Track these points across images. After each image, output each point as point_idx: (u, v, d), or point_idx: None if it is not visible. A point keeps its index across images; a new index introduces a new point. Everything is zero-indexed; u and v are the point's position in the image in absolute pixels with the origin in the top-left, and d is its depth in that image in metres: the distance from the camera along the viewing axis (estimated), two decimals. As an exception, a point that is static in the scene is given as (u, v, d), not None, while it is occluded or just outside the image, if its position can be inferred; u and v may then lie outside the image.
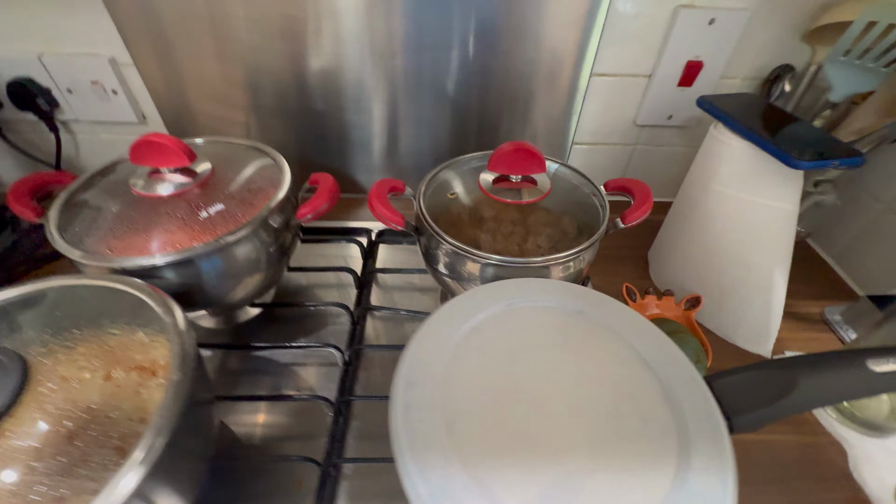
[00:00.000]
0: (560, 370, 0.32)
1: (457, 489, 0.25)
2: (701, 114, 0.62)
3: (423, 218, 0.44)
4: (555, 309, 0.37)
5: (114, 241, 0.41)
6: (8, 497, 0.26)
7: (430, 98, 0.64)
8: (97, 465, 0.28)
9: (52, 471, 0.27)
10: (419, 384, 0.31)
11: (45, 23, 0.58)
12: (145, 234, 0.41)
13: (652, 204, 0.45)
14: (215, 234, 0.41)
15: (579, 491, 0.26)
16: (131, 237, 0.41)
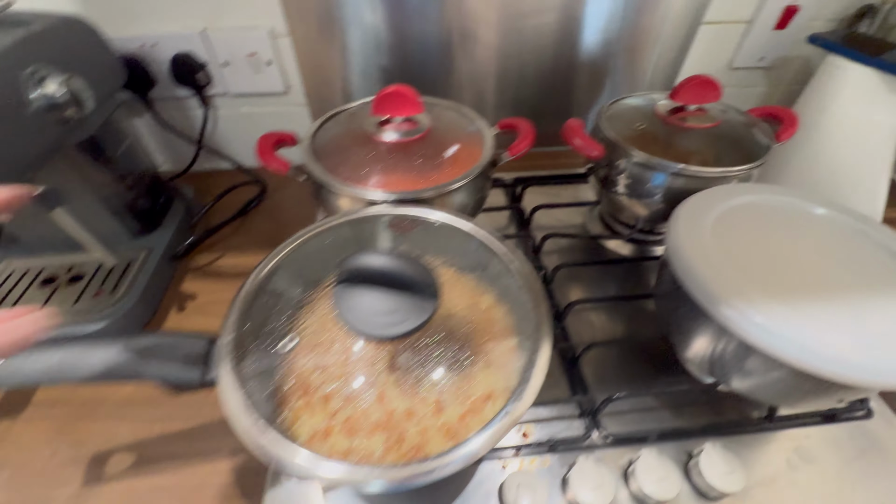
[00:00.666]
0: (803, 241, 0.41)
1: (781, 320, 0.34)
2: (788, 54, 0.72)
3: (617, 142, 0.52)
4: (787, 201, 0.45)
5: (376, 178, 0.47)
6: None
7: (554, 51, 0.70)
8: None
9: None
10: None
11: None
12: (394, 175, 0.47)
13: (797, 126, 0.54)
14: (449, 177, 0.47)
15: (867, 315, 0.34)
16: (383, 176, 0.47)
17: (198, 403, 0.48)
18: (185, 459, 0.44)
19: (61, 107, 0.42)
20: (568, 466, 0.41)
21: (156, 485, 0.42)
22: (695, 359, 0.43)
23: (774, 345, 0.33)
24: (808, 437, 0.44)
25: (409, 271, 0.29)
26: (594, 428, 0.44)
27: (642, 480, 0.38)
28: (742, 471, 0.39)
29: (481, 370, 0.38)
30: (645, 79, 0.75)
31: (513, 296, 0.42)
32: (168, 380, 0.31)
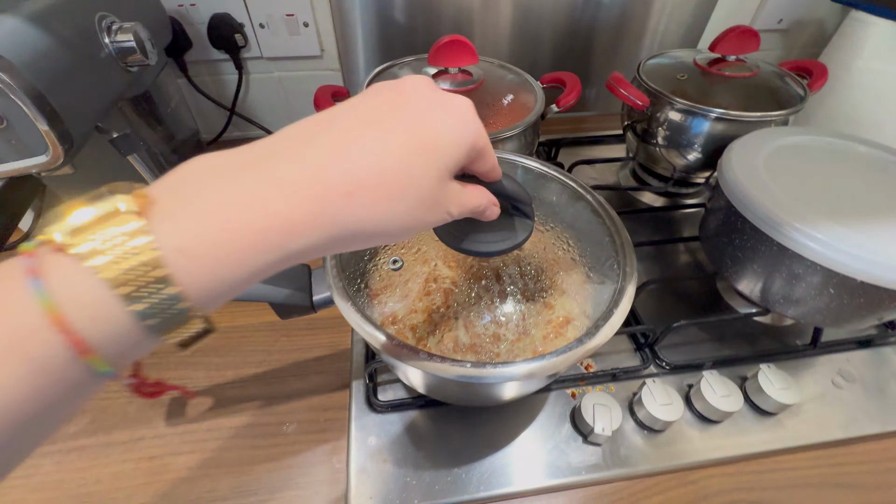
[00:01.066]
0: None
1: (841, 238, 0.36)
2: (805, 16, 0.74)
3: (660, 93, 0.54)
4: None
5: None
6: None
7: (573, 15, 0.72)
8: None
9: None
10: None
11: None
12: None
13: (827, 77, 0.57)
14: (506, 124, 0.49)
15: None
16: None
17: (266, 350, 0.49)
18: (262, 401, 0.45)
19: (129, 53, 0.42)
20: (631, 393, 0.44)
21: (237, 423, 0.43)
22: (748, 289, 0.45)
23: (839, 261, 0.36)
24: (849, 360, 0.47)
25: (509, 189, 0.30)
26: (653, 358, 0.46)
27: (708, 397, 0.40)
28: (797, 387, 0.42)
29: (558, 298, 0.40)
30: (663, 41, 0.76)
31: (581, 230, 0.44)
32: (282, 301, 0.32)
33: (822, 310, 0.41)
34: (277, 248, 0.16)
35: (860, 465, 0.41)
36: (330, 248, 0.18)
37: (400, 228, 0.19)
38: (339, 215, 0.17)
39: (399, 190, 0.18)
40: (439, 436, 0.41)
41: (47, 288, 0.13)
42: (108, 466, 0.40)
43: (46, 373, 0.13)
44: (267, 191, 0.16)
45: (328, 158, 0.17)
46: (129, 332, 0.14)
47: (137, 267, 0.14)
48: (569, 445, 0.40)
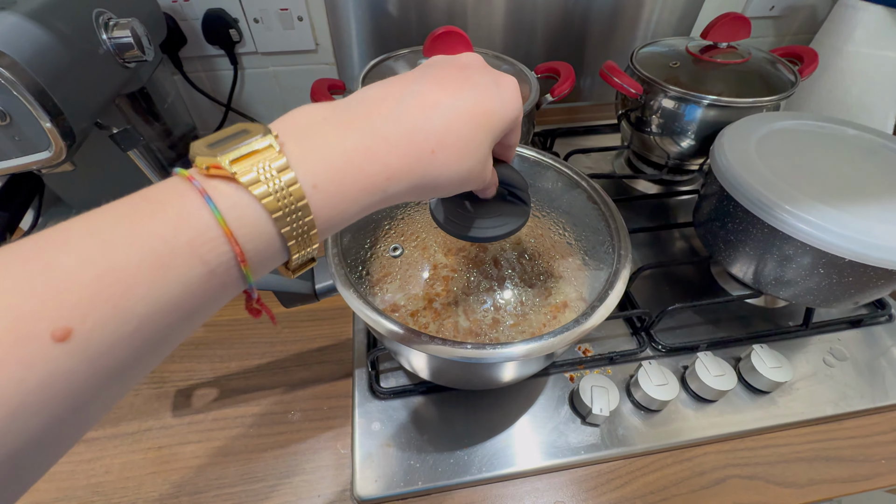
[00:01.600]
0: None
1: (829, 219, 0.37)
2: (796, 2, 0.75)
3: (653, 81, 0.55)
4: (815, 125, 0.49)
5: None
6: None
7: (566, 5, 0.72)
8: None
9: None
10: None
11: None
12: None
13: (818, 63, 0.57)
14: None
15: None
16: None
17: (269, 341, 0.50)
18: (266, 390, 0.46)
19: (126, 49, 0.43)
20: (628, 376, 0.45)
21: (242, 413, 0.44)
22: (741, 272, 0.46)
23: (827, 241, 0.37)
24: (840, 339, 0.48)
25: (506, 175, 0.30)
26: (649, 341, 0.47)
27: (703, 377, 0.42)
28: (789, 365, 0.43)
29: (555, 283, 0.41)
30: (656, 29, 0.77)
31: (576, 217, 0.45)
32: (286, 290, 0.33)
33: (812, 290, 0.42)
34: (380, 191, 0.20)
35: (850, 439, 0.42)
36: (411, 195, 0.21)
37: (462, 181, 0.22)
38: (425, 168, 0.20)
39: (466, 152, 0.21)
40: (441, 420, 0.42)
41: (220, 206, 0.16)
42: (117, 457, 0.41)
43: (215, 276, 0.16)
44: (377, 144, 0.19)
45: (416, 120, 0.20)
46: (274, 248, 0.17)
47: (287, 196, 0.17)
48: (568, 427, 0.41)
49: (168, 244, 0.15)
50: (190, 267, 0.15)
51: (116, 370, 0.15)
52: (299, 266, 0.20)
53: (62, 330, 0.13)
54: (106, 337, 0.14)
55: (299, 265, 0.20)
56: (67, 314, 0.13)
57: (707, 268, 0.56)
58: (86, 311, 0.14)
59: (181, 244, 0.15)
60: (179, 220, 0.15)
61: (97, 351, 0.14)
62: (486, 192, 0.28)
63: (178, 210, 0.16)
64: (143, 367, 0.16)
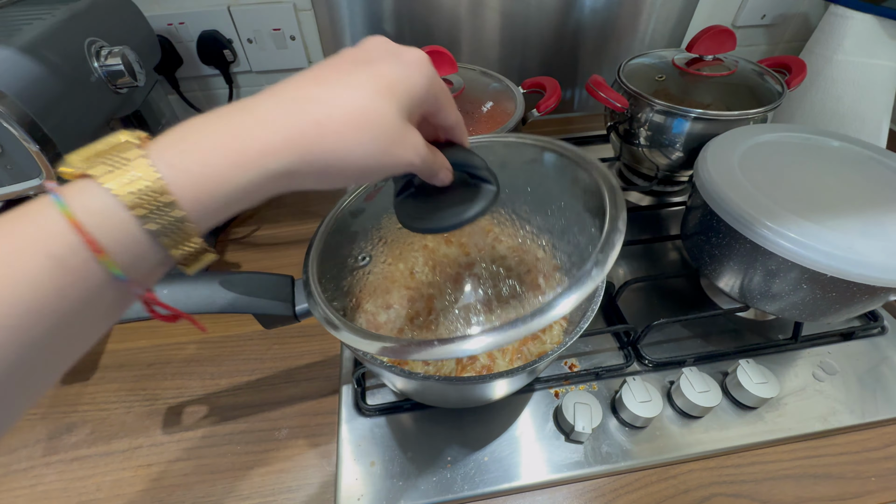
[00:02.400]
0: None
1: (810, 235, 0.37)
2: (788, 11, 0.75)
3: (639, 94, 0.55)
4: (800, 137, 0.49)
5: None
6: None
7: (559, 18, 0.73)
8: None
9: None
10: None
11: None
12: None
13: (806, 73, 0.57)
14: (486, 131, 0.50)
15: (890, 226, 0.38)
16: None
17: (259, 358, 0.51)
18: (254, 408, 0.46)
19: (118, 76, 0.44)
20: (613, 391, 0.45)
21: (231, 430, 0.45)
22: (728, 286, 0.46)
23: (808, 257, 0.37)
24: (830, 353, 0.48)
25: (460, 157, 0.27)
26: (635, 356, 0.47)
27: (687, 393, 0.41)
28: (776, 381, 0.43)
29: (535, 300, 0.41)
30: (648, 41, 0.77)
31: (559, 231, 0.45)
32: (264, 312, 0.33)
33: (798, 305, 0.42)
34: (256, 167, 0.18)
35: (839, 456, 0.41)
36: (308, 176, 0.20)
37: (368, 158, 0.21)
38: (310, 141, 0.19)
39: (364, 122, 0.20)
40: (425, 437, 0.42)
41: (65, 199, 0.16)
42: (108, 475, 0.42)
43: (68, 270, 0.16)
44: (247, 122, 0.19)
45: (300, 98, 0.20)
46: (135, 237, 0.17)
47: (138, 180, 0.16)
48: (551, 444, 0.41)
49: (11, 242, 0.15)
50: (34, 261, 0.15)
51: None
52: (190, 259, 0.19)
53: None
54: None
55: (188, 258, 0.19)
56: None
57: (697, 280, 0.56)
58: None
59: (24, 239, 0.15)
60: (26, 217, 0.16)
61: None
62: (435, 177, 0.26)
63: (31, 212, 0.16)
64: (21, 387, 0.16)
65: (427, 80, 0.23)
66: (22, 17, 0.41)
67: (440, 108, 0.25)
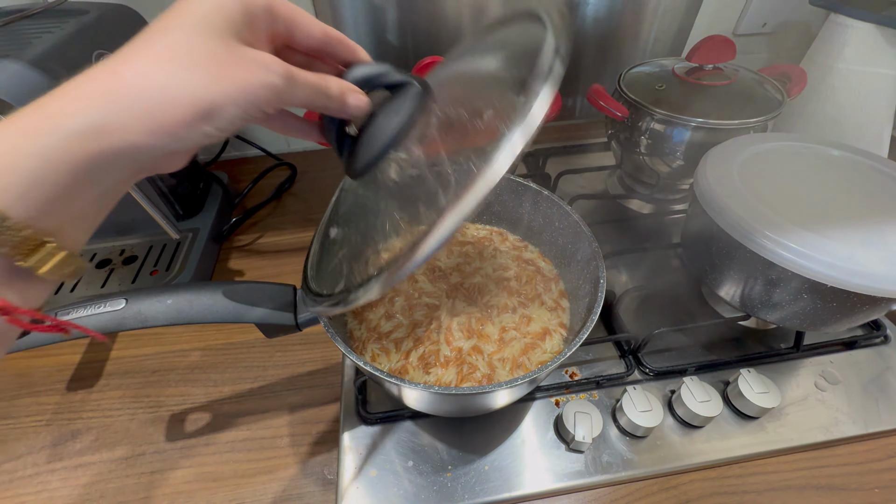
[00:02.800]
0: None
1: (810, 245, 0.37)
2: (789, 19, 0.75)
3: (639, 104, 0.55)
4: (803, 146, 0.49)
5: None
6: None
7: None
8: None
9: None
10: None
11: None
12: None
13: (806, 82, 0.58)
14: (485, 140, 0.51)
15: (890, 236, 0.38)
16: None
17: (262, 366, 0.51)
18: (257, 415, 0.47)
19: (125, 88, 0.45)
20: (614, 400, 0.45)
21: (233, 437, 0.45)
22: (728, 294, 0.46)
23: (808, 267, 0.37)
24: (832, 362, 0.48)
25: (366, 74, 0.25)
26: (636, 364, 0.47)
27: (688, 403, 0.41)
28: (777, 390, 0.42)
29: (536, 310, 0.42)
30: (649, 50, 0.78)
31: (556, 247, 0.45)
32: (266, 322, 0.34)
33: (799, 314, 0.42)
34: (57, 129, 0.16)
35: (842, 466, 0.41)
36: (130, 129, 0.17)
37: (193, 89, 0.18)
38: (110, 88, 0.17)
39: (166, 51, 0.18)
40: (426, 445, 0.42)
41: None
42: (112, 482, 0.42)
43: None
44: (41, 102, 0.17)
45: (93, 71, 0.18)
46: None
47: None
48: (552, 453, 0.41)
49: None
50: None
51: None
52: (21, 252, 0.16)
53: None
54: None
55: (17, 250, 0.16)
56: None
57: (698, 289, 0.56)
58: None
59: None
60: None
61: None
62: (346, 105, 0.23)
63: None
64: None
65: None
66: (33, 31, 0.42)
67: (291, 25, 0.21)
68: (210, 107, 0.18)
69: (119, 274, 0.58)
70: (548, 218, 0.45)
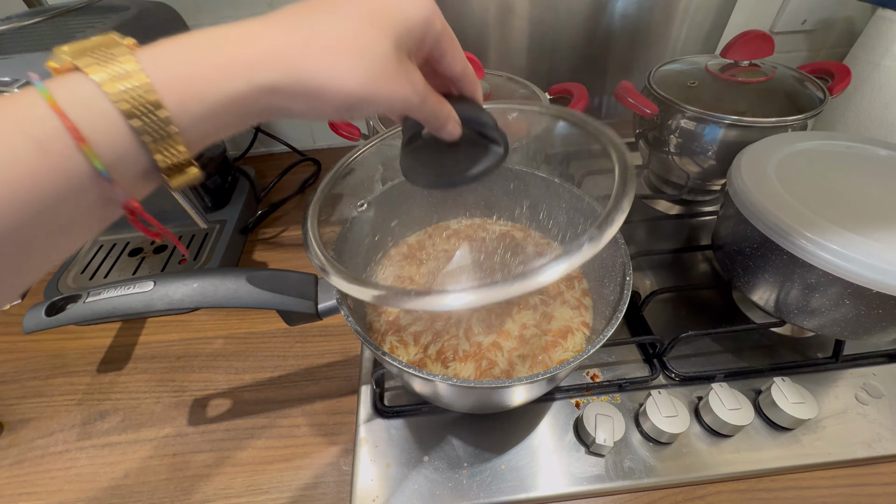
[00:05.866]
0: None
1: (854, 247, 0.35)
2: (831, 15, 0.72)
3: (670, 101, 0.54)
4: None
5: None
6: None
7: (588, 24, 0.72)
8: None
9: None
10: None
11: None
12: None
13: (850, 80, 0.55)
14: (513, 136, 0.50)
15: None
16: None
17: (282, 355, 0.51)
18: (276, 404, 0.47)
19: (160, 81, 0.46)
20: (637, 404, 0.43)
21: (252, 424, 0.46)
22: (762, 299, 0.44)
23: (851, 270, 0.35)
24: (875, 374, 0.45)
25: (471, 115, 0.26)
26: (662, 368, 0.46)
27: (717, 410, 0.40)
28: (814, 401, 0.40)
29: (558, 308, 0.41)
30: (680, 48, 0.76)
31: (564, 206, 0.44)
32: (287, 309, 0.34)
33: (839, 321, 0.39)
34: (242, 77, 0.18)
35: (885, 486, 0.39)
36: (293, 95, 0.19)
37: (356, 83, 0.20)
38: (298, 58, 0.19)
39: (354, 48, 0.20)
40: (442, 441, 0.42)
41: (48, 86, 0.16)
42: (136, 462, 0.43)
43: (49, 154, 0.15)
44: (234, 36, 0.19)
45: (291, 18, 0.20)
46: (118, 131, 0.16)
47: (122, 75, 0.16)
48: (571, 455, 0.40)
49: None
50: (15, 141, 0.15)
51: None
52: (174, 170, 0.18)
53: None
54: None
55: (172, 169, 0.18)
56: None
57: (729, 292, 0.53)
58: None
59: (5, 120, 0.15)
60: (9, 102, 0.16)
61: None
62: (442, 128, 0.25)
63: (12, 96, 0.16)
64: (7, 267, 0.16)
65: (425, 13, 0.22)
66: (77, 26, 0.44)
67: (444, 52, 0.24)
68: (360, 102, 0.21)
69: (150, 262, 0.60)
70: (572, 215, 0.44)
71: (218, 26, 0.19)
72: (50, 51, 0.17)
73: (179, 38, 0.18)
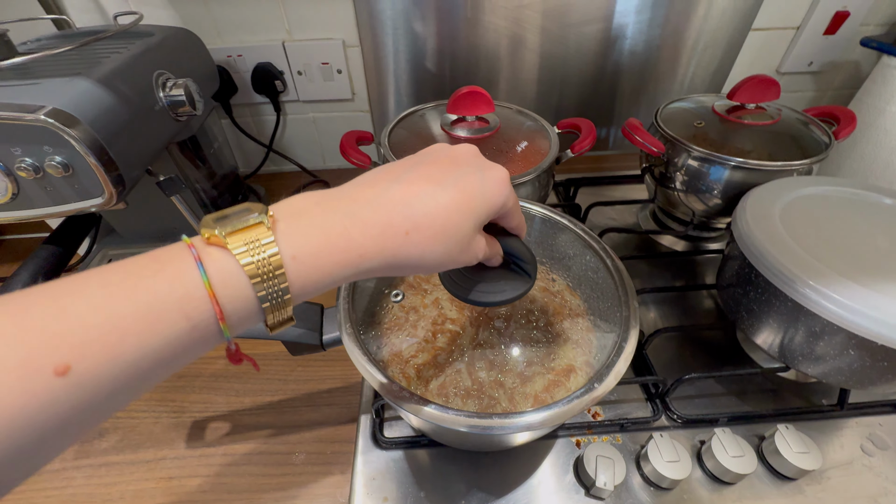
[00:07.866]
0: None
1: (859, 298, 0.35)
2: (837, 59, 0.73)
3: (676, 140, 0.54)
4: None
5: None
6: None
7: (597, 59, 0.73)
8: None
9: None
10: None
11: (293, 13, 0.67)
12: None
13: (856, 125, 0.55)
14: (519, 170, 0.51)
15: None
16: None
17: (283, 379, 0.51)
18: (275, 429, 0.47)
19: (179, 105, 0.48)
20: (639, 445, 0.43)
21: (250, 450, 0.45)
22: (766, 343, 0.44)
23: (855, 322, 0.35)
24: (882, 425, 0.44)
25: (515, 248, 0.31)
26: (664, 409, 0.45)
27: (720, 457, 0.39)
28: (818, 451, 0.40)
29: (561, 346, 0.41)
30: (687, 86, 0.77)
31: (587, 279, 0.44)
32: (292, 339, 0.34)
33: (844, 370, 0.39)
34: (353, 266, 0.22)
35: (891, 543, 0.38)
36: (387, 271, 0.24)
37: (437, 263, 0.24)
38: (398, 248, 0.23)
39: (443, 234, 0.23)
40: (441, 476, 0.41)
41: (207, 271, 0.18)
42: (132, 484, 0.43)
43: (196, 330, 0.18)
44: (354, 225, 0.22)
45: (395, 205, 0.23)
46: (251, 309, 0.20)
47: (267, 266, 0.19)
48: (570, 497, 0.40)
49: (161, 300, 0.17)
50: (175, 322, 0.17)
51: (99, 404, 0.17)
52: (276, 325, 0.22)
53: (63, 366, 0.15)
54: (96, 376, 0.16)
55: (276, 324, 0.22)
56: (69, 352, 0.16)
57: (733, 333, 0.53)
58: (84, 352, 0.16)
59: (172, 301, 0.17)
60: (174, 280, 0.18)
61: (86, 387, 0.16)
62: (489, 262, 0.30)
63: (175, 271, 0.18)
64: (120, 402, 0.18)
65: (504, 199, 0.26)
66: (104, 51, 0.46)
67: (507, 216, 0.28)
68: (438, 269, 0.26)
69: (157, 279, 0.60)
70: (577, 250, 0.45)
71: (337, 199, 0.22)
72: (78, 76, 0.18)
73: (306, 214, 0.21)
